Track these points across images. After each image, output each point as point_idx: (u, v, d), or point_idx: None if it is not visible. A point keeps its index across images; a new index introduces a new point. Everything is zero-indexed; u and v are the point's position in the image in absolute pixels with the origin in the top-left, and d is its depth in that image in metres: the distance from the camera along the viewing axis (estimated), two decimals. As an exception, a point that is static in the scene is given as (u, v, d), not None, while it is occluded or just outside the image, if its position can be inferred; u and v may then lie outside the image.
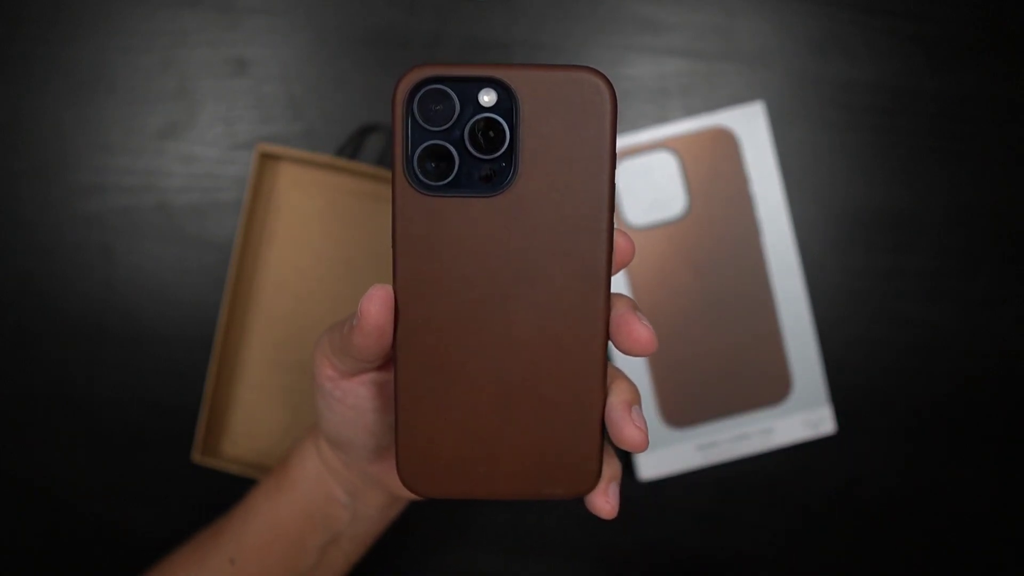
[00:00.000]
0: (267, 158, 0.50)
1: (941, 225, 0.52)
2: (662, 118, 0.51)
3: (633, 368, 0.50)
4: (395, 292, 0.29)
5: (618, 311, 0.29)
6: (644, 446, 0.29)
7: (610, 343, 0.30)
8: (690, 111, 0.51)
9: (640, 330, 0.29)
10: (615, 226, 0.29)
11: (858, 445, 0.52)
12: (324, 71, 0.52)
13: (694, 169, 0.51)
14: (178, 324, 0.52)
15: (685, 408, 0.51)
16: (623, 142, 0.50)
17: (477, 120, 0.28)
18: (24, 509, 0.53)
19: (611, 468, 0.31)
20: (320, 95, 0.52)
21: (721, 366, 0.51)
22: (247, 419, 0.52)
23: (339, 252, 0.51)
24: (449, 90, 0.28)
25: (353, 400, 0.33)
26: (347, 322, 0.30)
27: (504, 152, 0.28)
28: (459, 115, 0.28)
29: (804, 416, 0.51)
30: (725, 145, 0.51)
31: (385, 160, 0.52)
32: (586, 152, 0.29)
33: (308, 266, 0.51)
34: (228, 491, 0.53)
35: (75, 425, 0.53)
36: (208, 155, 0.52)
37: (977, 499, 0.52)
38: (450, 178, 0.28)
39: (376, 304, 0.28)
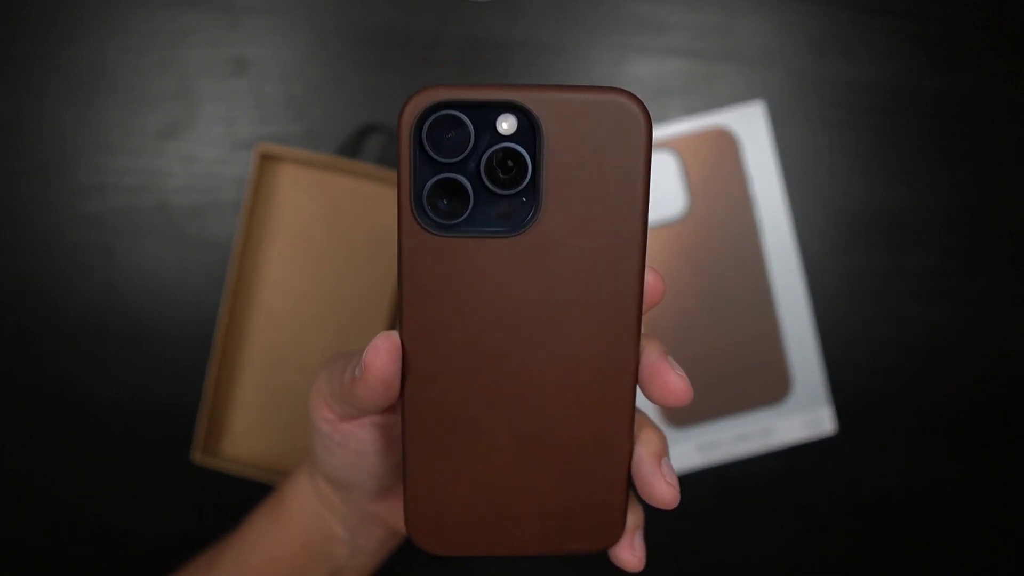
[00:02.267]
0: (267, 158, 0.50)
1: (941, 225, 0.52)
2: (662, 118, 0.51)
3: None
4: (403, 340, 0.26)
5: (649, 358, 0.27)
6: (676, 503, 0.27)
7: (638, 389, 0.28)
8: (690, 111, 0.51)
9: (675, 381, 0.26)
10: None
11: (858, 445, 0.52)
12: (324, 71, 0.52)
13: (694, 169, 0.51)
14: (178, 324, 0.52)
15: (686, 409, 0.51)
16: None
17: (495, 151, 0.25)
18: (24, 509, 0.53)
19: (635, 517, 0.30)
20: (320, 95, 0.52)
21: (721, 366, 0.51)
22: (247, 419, 0.52)
23: (339, 252, 0.51)
24: (463, 116, 0.24)
25: (355, 444, 0.31)
26: (348, 367, 0.28)
27: (525, 186, 0.25)
28: (474, 145, 0.24)
29: (804, 416, 0.51)
30: (725, 145, 0.51)
31: (385, 159, 0.52)
32: (618, 186, 0.25)
33: (308, 266, 0.51)
34: (228, 491, 0.53)
35: (75, 425, 0.53)
36: (208, 155, 0.52)
37: (977, 499, 0.52)
38: (464, 216, 0.25)
39: (382, 356, 0.25)
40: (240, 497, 0.42)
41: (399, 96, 0.51)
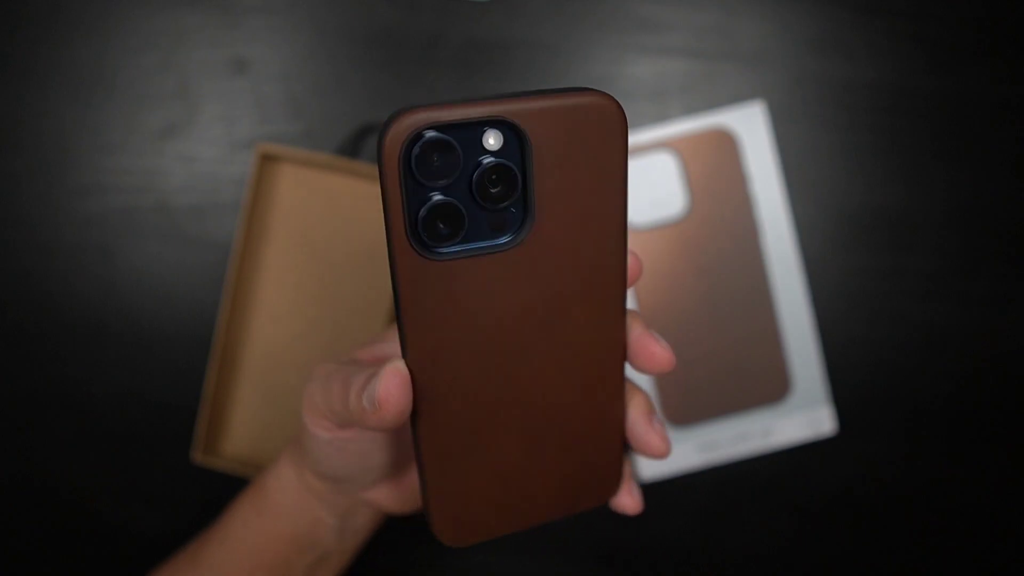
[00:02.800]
0: (267, 158, 0.50)
1: (941, 225, 0.52)
2: (662, 118, 0.51)
3: (633, 368, 0.50)
4: (409, 365, 0.26)
5: (634, 333, 0.29)
6: (669, 453, 0.30)
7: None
8: (690, 111, 0.51)
9: (659, 351, 0.29)
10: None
11: (858, 445, 0.52)
12: (324, 71, 0.52)
13: (694, 169, 0.51)
14: (178, 324, 0.52)
15: (686, 407, 0.51)
16: (623, 142, 0.50)
17: (485, 168, 0.24)
18: (24, 509, 0.53)
19: (627, 467, 0.32)
20: (320, 95, 0.52)
21: (721, 366, 0.51)
22: (247, 419, 0.52)
23: (339, 252, 0.51)
24: (450, 138, 0.23)
25: (355, 447, 0.32)
26: (349, 386, 0.28)
27: (516, 198, 0.25)
28: (463, 164, 0.24)
29: (804, 416, 0.51)
30: (725, 145, 0.51)
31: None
32: (602, 183, 0.26)
33: (308, 266, 0.51)
34: (228, 491, 0.53)
35: (75, 425, 0.53)
36: (208, 155, 0.52)
37: (977, 499, 0.52)
38: (459, 237, 0.25)
39: (395, 394, 0.26)
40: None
41: (399, 96, 0.51)
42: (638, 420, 0.30)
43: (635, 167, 0.51)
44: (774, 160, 0.51)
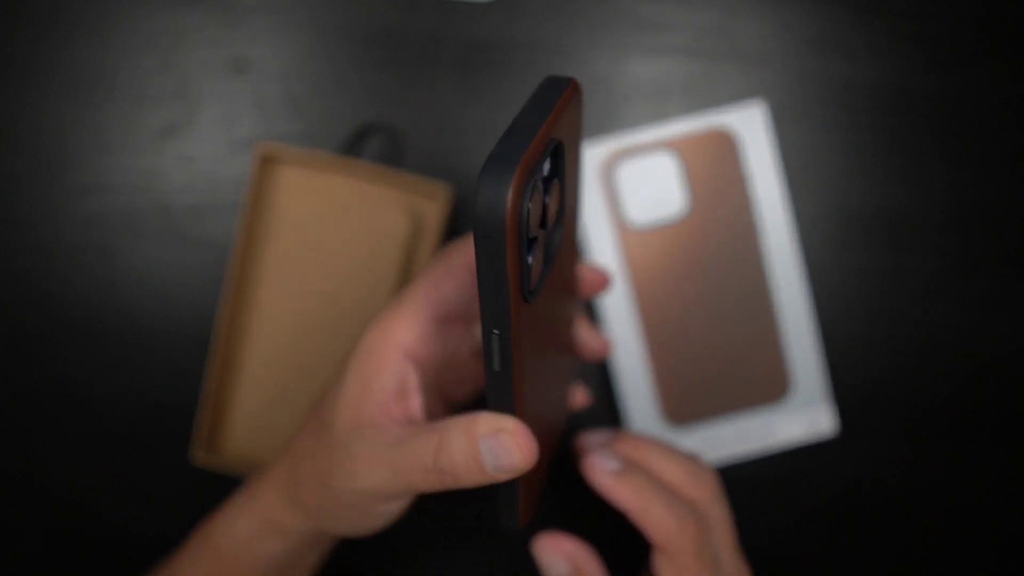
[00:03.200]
0: (267, 158, 0.50)
1: (941, 225, 0.52)
2: (662, 118, 0.51)
3: (634, 367, 0.50)
4: (520, 413, 0.25)
5: (582, 270, 0.33)
6: (611, 348, 0.37)
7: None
8: (690, 111, 0.51)
9: (602, 277, 0.34)
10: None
11: (858, 445, 0.52)
12: (324, 71, 0.52)
13: (694, 169, 0.51)
14: (178, 324, 0.52)
15: (685, 407, 0.51)
16: (624, 142, 0.50)
17: (549, 193, 0.23)
18: (24, 509, 0.53)
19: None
20: (320, 95, 0.52)
21: (721, 366, 0.51)
22: (247, 419, 0.52)
23: (339, 252, 0.51)
24: (538, 181, 0.22)
25: (411, 497, 0.32)
26: (434, 471, 0.27)
27: (558, 210, 0.25)
28: (543, 196, 0.23)
29: (804, 416, 0.51)
30: (725, 145, 0.51)
31: (385, 159, 0.52)
32: (576, 157, 0.27)
33: (308, 266, 0.51)
34: (228, 491, 0.53)
35: (75, 425, 0.53)
36: (208, 155, 0.52)
37: (977, 499, 0.52)
38: (543, 269, 0.24)
39: (534, 450, 0.26)
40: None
41: (399, 96, 0.51)
42: (587, 335, 0.35)
43: (635, 167, 0.51)
44: (774, 160, 0.51)
